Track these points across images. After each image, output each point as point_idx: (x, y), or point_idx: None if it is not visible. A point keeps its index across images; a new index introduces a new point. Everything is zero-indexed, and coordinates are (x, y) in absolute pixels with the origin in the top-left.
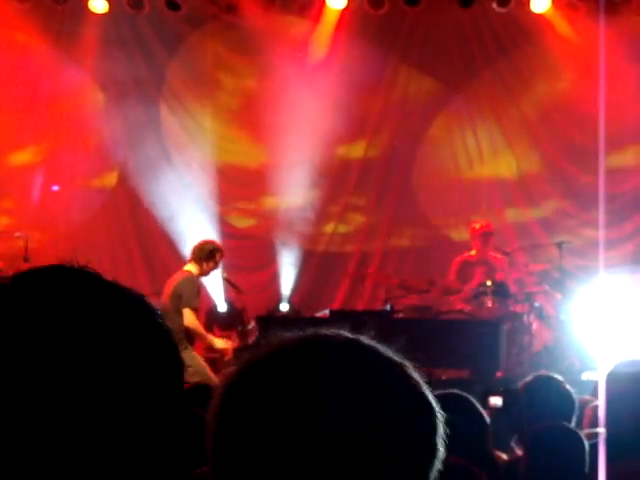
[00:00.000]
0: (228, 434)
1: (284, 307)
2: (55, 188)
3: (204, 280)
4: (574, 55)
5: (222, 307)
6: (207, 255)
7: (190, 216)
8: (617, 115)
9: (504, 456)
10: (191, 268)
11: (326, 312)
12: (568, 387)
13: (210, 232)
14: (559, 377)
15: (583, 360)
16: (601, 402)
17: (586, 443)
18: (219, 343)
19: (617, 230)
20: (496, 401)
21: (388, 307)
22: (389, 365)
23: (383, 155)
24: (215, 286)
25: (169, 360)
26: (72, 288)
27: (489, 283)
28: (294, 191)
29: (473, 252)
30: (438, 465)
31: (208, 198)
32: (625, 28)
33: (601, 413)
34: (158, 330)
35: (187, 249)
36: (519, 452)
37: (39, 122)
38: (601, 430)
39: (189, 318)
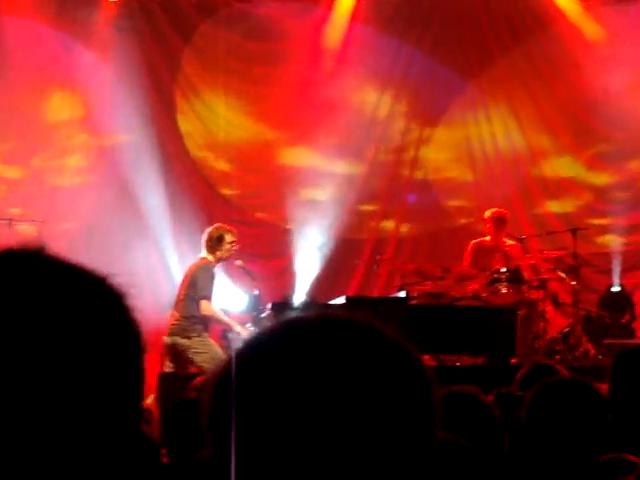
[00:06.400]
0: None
1: (299, 294)
2: None
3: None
4: (588, 42)
5: (237, 294)
6: (216, 241)
7: (200, 202)
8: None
9: None
10: (207, 256)
11: (342, 299)
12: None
13: (222, 219)
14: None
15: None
16: None
17: None
18: (238, 328)
19: (633, 217)
20: None
21: (403, 294)
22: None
23: (396, 143)
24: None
25: (128, 338)
26: (20, 271)
27: (503, 269)
28: (308, 179)
29: (487, 238)
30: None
31: (221, 184)
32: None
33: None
34: (117, 310)
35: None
36: None
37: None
38: None
39: (205, 307)
